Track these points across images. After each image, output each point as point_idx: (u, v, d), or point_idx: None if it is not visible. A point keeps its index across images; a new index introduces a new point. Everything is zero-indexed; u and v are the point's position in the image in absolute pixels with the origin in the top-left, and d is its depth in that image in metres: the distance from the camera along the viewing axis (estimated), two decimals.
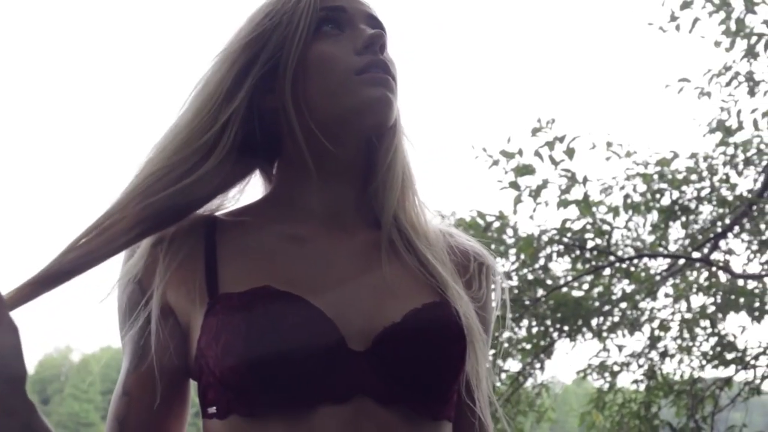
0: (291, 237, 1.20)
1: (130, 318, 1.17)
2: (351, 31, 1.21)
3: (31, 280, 1.08)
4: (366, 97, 1.16)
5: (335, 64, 1.18)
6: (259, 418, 1.06)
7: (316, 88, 1.18)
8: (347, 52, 1.18)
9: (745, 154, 6.81)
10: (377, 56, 1.18)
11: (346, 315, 1.10)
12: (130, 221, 1.11)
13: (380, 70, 1.18)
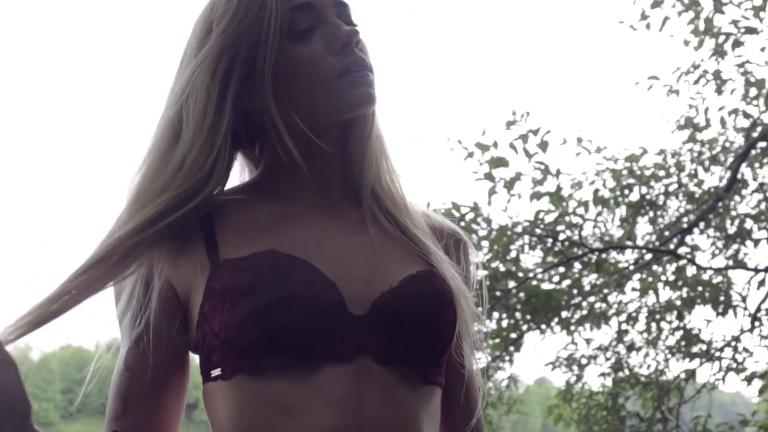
0: (283, 215, 1.23)
1: (129, 294, 1.19)
2: (323, 26, 1.21)
3: (31, 315, 1.09)
4: (350, 99, 1.19)
5: (314, 69, 1.19)
6: (265, 377, 1.09)
7: (298, 92, 1.21)
8: (324, 53, 1.20)
9: (711, 152, 6.96)
10: (355, 55, 1.20)
11: (344, 281, 1.14)
12: (133, 257, 1.14)
13: (359, 68, 1.20)
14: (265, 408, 1.09)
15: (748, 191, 7.09)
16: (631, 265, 6.70)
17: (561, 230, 5.83)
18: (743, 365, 6.70)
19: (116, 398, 1.18)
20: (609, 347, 7.38)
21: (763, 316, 6.48)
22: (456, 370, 1.28)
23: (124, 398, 1.18)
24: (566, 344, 7.34)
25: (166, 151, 1.17)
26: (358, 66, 1.19)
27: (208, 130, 1.16)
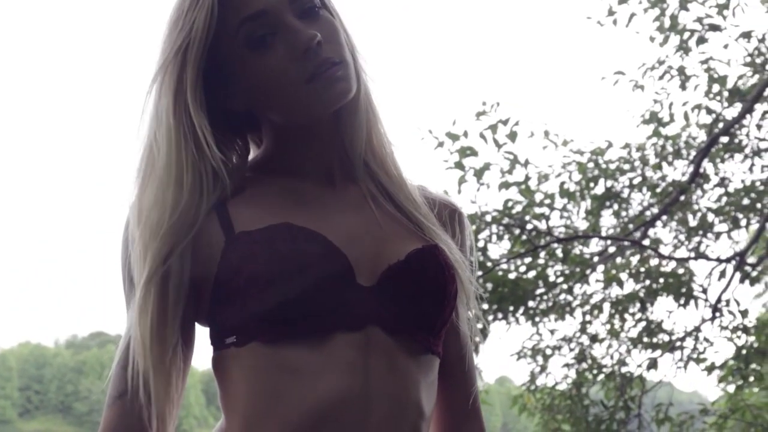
0: (290, 192, 1.27)
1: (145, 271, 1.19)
2: (283, 31, 1.20)
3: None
4: (324, 100, 1.21)
5: (281, 78, 1.20)
6: (280, 343, 1.14)
7: (272, 98, 1.22)
8: (287, 60, 1.19)
9: (674, 147, 7.10)
10: (319, 57, 1.19)
11: (353, 254, 1.19)
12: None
13: (326, 67, 1.20)
14: (278, 372, 1.13)
15: (710, 186, 7.26)
16: (596, 256, 6.83)
17: (528, 220, 5.92)
18: (704, 355, 6.86)
19: (120, 372, 1.19)
20: (573, 338, 7.51)
21: (724, 306, 6.63)
22: (456, 343, 1.35)
23: (127, 370, 1.19)
24: (531, 335, 7.46)
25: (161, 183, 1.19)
26: (324, 66, 1.19)
27: (187, 152, 1.18)
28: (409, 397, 1.18)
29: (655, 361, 7.00)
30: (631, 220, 7.11)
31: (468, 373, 1.37)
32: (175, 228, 1.17)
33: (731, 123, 6.52)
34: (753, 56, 6.52)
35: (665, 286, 6.46)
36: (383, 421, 1.15)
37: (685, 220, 7.15)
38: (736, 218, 7.01)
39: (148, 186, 1.19)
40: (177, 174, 1.18)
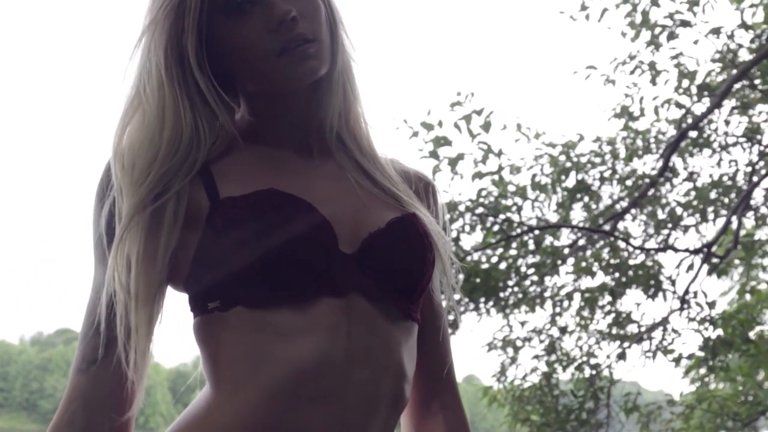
0: (271, 160, 1.28)
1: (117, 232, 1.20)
2: (261, 1, 1.21)
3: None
4: (292, 76, 1.22)
5: (253, 50, 1.21)
6: (264, 307, 1.15)
7: (246, 66, 1.24)
8: (261, 31, 1.20)
9: (645, 143, 7.21)
10: (293, 31, 1.20)
11: (335, 221, 1.21)
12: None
13: (297, 43, 1.20)
14: (262, 334, 1.15)
15: (679, 180, 7.37)
16: (566, 248, 6.91)
17: (501, 209, 5.98)
18: (671, 346, 6.96)
19: (93, 340, 1.18)
20: (543, 330, 7.59)
21: (692, 298, 6.73)
22: (432, 313, 1.37)
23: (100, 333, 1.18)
24: (502, 326, 7.53)
25: (149, 129, 1.20)
26: (296, 42, 1.21)
27: (182, 102, 1.20)
28: (391, 359, 1.21)
29: (624, 353, 7.10)
30: (601, 213, 7.20)
31: (443, 343, 1.40)
32: (172, 163, 1.18)
33: (700, 118, 6.63)
34: (722, 53, 6.63)
35: (635, 277, 6.55)
36: (365, 381, 1.17)
37: (654, 213, 7.25)
38: (704, 212, 7.12)
39: (140, 128, 1.20)
40: (174, 114, 1.19)
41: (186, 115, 1.20)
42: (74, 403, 1.16)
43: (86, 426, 1.15)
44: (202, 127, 1.22)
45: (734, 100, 7.02)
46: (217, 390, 1.16)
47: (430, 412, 1.40)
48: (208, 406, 1.17)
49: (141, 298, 1.15)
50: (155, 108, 1.20)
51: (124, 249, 1.16)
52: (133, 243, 1.16)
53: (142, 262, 1.15)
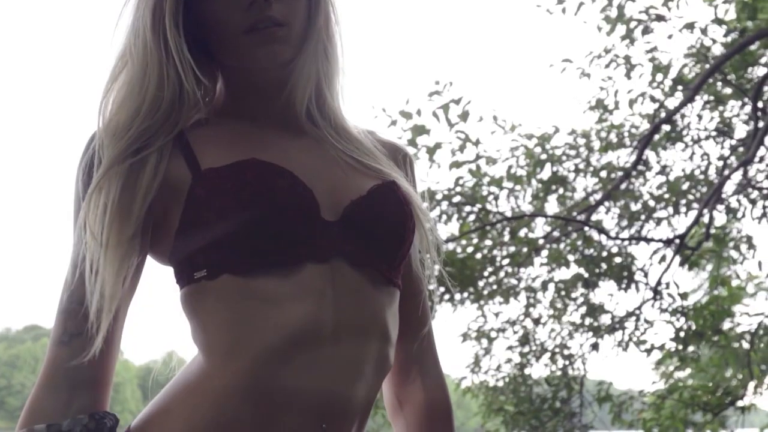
0: (249, 133, 1.30)
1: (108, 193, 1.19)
2: None
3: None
4: (256, 57, 1.25)
5: (224, 24, 1.23)
6: (250, 275, 1.16)
7: (217, 43, 1.27)
8: (234, 8, 1.22)
9: (619, 137, 7.29)
10: (264, 12, 1.22)
11: (316, 190, 1.23)
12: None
13: (265, 24, 1.22)
14: (250, 301, 1.16)
15: (652, 173, 7.47)
16: (541, 239, 6.98)
17: (478, 198, 6.03)
18: (644, 337, 7.05)
19: (75, 310, 1.19)
20: (517, 321, 7.65)
21: (664, 289, 6.82)
22: (411, 280, 1.40)
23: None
24: (476, 317, 7.58)
25: (135, 85, 1.22)
26: (265, 23, 1.23)
27: (167, 61, 1.22)
28: (376, 323, 1.23)
29: (597, 344, 7.18)
30: (575, 205, 7.27)
31: (423, 310, 1.42)
32: (153, 119, 1.21)
33: (673, 111, 6.70)
34: (696, 47, 6.72)
35: (609, 268, 6.63)
36: (353, 345, 1.19)
37: (627, 206, 7.34)
38: (677, 204, 7.21)
39: (125, 85, 1.22)
40: (158, 72, 1.21)
41: (169, 73, 1.22)
42: (56, 375, 1.17)
43: (68, 399, 1.16)
44: (185, 88, 1.24)
45: (707, 96, 7.12)
46: (209, 358, 1.18)
47: (409, 378, 1.43)
48: (199, 374, 1.18)
49: (111, 246, 1.16)
50: (140, 65, 1.22)
51: (99, 197, 1.17)
52: (108, 192, 1.17)
53: (116, 212, 1.16)
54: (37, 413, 1.15)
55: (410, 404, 1.43)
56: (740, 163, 6.46)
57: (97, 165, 1.19)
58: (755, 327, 7.34)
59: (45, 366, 1.18)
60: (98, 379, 1.20)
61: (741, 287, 8.33)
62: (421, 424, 1.41)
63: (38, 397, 1.16)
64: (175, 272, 1.23)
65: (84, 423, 1.14)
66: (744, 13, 6.55)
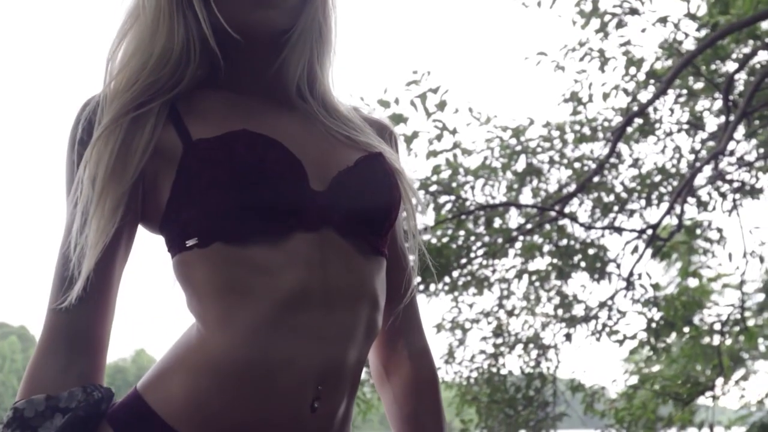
0: (237, 103, 1.32)
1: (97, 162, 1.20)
2: None
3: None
4: (248, 20, 1.25)
5: None
6: (240, 243, 1.18)
7: (215, 5, 1.26)
8: None
9: (592, 130, 7.37)
10: None
11: (305, 160, 1.25)
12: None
13: None
14: (242, 269, 1.18)
15: (625, 167, 7.56)
16: (515, 231, 7.03)
17: (455, 188, 6.07)
18: (616, 327, 7.13)
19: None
20: (491, 312, 7.71)
21: (636, 280, 6.90)
22: (397, 250, 1.43)
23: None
24: (450, 308, 7.62)
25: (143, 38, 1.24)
26: None
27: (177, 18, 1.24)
28: (365, 290, 1.25)
29: (570, 335, 7.25)
30: (549, 196, 7.33)
31: (407, 281, 1.44)
32: (160, 75, 1.23)
33: (646, 104, 6.78)
34: (669, 41, 6.81)
35: (582, 258, 6.70)
36: (343, 311, 1.21)
37: (600, 199, 7.41)
38: (649, 197, 7.30)
39: (134, 39, 1.24)
40: (168, 26, 1.23)
41: (179, 30, 1.24)
42: (55, 341, 1.19)
43: (66, 365, 1.19)
44: (192, 46, 1.25)
45: (680, 90, 7.22)
46: (203, 325, 1.20)
47: (396, 350, 1.46)
48: (196, 341, 1.20)
49: (104, 196, 1.18)
50: (150, 20, 1.24)
51: (101, 146, 1.19)
52: (107, 144, 1.19)
53: (114, 163, 1.18)
54: (36, 381, 1.17)
55: (397, 375, 1.46)
56: (711, 154, 6.55)
57: (99, 122, 1.21)
58: (725, 318, 7.46)
59: (43, 332, 1.21)
60: (95, 345, 1.22)
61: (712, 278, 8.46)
62: (408, 395, 1.44)
63: (37, 365, 1.19)
64: (167, 240, 1.24)
65: (78, 398, 1.16)
66: (716, 8, 6.65)
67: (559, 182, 7.43)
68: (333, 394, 1.21)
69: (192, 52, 1.26)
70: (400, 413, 1.44)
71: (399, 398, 1.45)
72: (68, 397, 1.16)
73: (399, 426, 1.44)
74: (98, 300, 1.22)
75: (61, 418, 1.15)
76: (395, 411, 1.45)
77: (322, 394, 1.19)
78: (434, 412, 1.43)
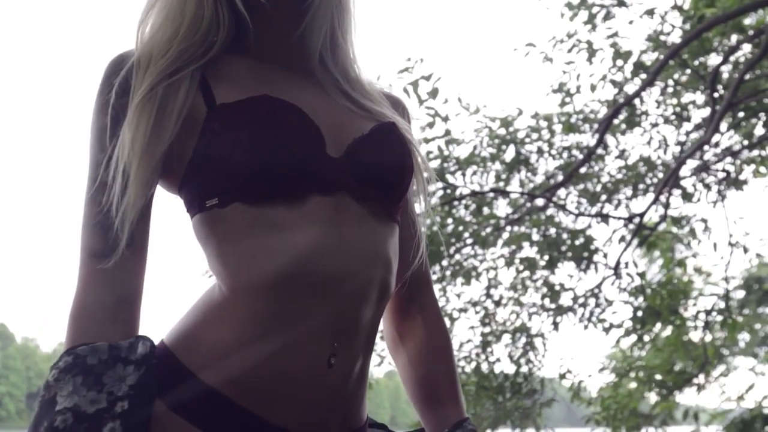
0: (258, 69, 1.36)
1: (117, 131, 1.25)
2: None
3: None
4: None
5: None
6: (259, 204, 1.21)
7: None
8: None
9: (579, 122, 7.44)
10: None
11: (322, 127, 1.29)
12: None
13: None
14: (261, 228, 1.22)
15: (611, 158, 7.64)
16: (502, 220, 7.10)
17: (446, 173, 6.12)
18: (603, 315, 7.21)
19: (101, 231, 1.24)
20: (478, 302, 7.76)
21: (623, 269, 6.98)
22: (409, 219, 1.47)
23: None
24: (438, 298, 7.65)
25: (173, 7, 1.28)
26: None
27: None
28: (379, 252, 1.29)
29: (557, 324, 7.32)
30: (537, 187, 7.40)
31: (418, 247, 1.48)
32: (192, 41, 1.27)
33: (632, 96, 6.86)
34: (656, 33, 6.89)
35: (570, 248, 6.76)
36: (358, 271, 1.25)
37: (587, 190, 7.48)
38: (635, 187, 7.38)
39: (165, 6, 1.28)
40: None
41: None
42: (101, 291, 1.22)
43: (114, 314, 1.22)
44: (221, 12, 1.30)
45: (666, 82, 7.30)
46: (224, 283, 1.23)
47: (409, 314, 1.50)
48: (218, 299, 1.24)
49: (145, 157, 1.22)
50: None
51: (139, 113, 1.23)
52: (146, 109, 1.23)
53: (153, 127, 1.22)
54: (85, 329, 1.19)
55: (411, 339, 1.49)
56: (696, 144, 6.64)
57: (135, 86, 1.24)
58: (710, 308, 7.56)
59: (83, 282, 1.23)
60: (135, 297, 1.26)
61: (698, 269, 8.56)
62: (423, 358, 1.47)
63: (84, 313, 1.20)
64: (186, 201, 1.28)
65: (138, 349, 1.18)
66: (702, 1, 6.75)
67: (546, 173, 7.49)
68: (348, 351, 1.25)
69: (221, 18, 1.30)
70: (415, 375, 1.47)
71: (414, 361, 1.48)
72: (129, 347, 1.18)
73: (414, 388, 1.48)
74: (137, 252, 1.25)
75: (123, 368, 1.16)
76: (410, 374, 1.48)
77: (338, 351, 1.23)
78: (449, 373, 1.46)
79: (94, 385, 1.13)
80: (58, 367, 1.14)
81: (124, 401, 1.13)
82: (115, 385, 1.15)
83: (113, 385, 1.14)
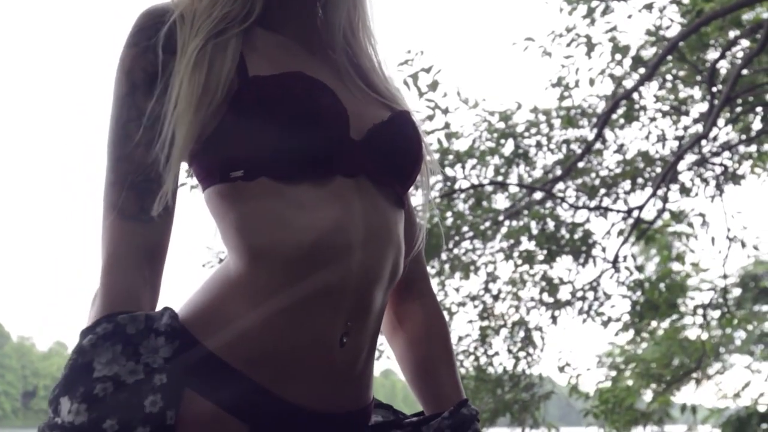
0: (290, 46, 1.37)
1: (153, 87, 1.25)
2: None
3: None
4: None
5: None
6: (285, 180, 1.23)
7: None
8: None
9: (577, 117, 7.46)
10: None
11: (348, 110, 1.31)
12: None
13: None
14: (283, 204, 1.23)
15: (609, 152, 7.66)
16: (501, 213, 7.12)
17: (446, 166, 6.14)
18: (601, 309, 7.23)
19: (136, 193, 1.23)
20: (477, 296, 7.78)
21: (621, 263, 7.00)
22: (410, 207, 1.49)
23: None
24: (437, 292, 7.69)
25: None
26: None
27: None
28: (393, 235, 1.32)
29: (555, 318, 7.34)
30: (535, 181, 7.42)
31: (418, 235, 1.50)
32: (232, 7, 1.29)
33: (631, 90, 6.88)
34: (654, 27, 6.91)
35: (569, 241, 6.78)
36: (374, 250, 1.27)
37: (585, 184, 7.51)
38: (634, 181, 7.41)
39: None
40: None
41: None
42: (136, 253, 1.21)
43: (149, 278, 1.21)
44: None
45: (666, 75, 7.33)
46: (241, 257, 1.23)
47: (407, 299, 1.52)
48: (234, 275, 1.24)
49: (196, 115, 1.22)
50: None
51: (191, 69, 1.23)
52: (198, 66, 1.23)
53: (203, 86, 1.22)
54: (122, 295, 1.18)
55: (409, 321, 1.51)
56: (695, 139, 6.67)
57: (183, 43, 1.25)
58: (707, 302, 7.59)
59: (116, 241, 1.21)
60: (163, 260, 1.25)
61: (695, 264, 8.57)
62: (421, 339, 1.49)
63: (119, 277, 1.19)
64: (203, 170, 1.28)
65: (165, 321, 1.18)
66: None
67: (545, 168, 7.51)
68: (360, 331, 1.27)
69: None
70: (413, 357, 1.48)
71: (412, 342, 1.49)
72: (159, 318, 1.18)
73: (412, 370, 1.49)
74: (169, 213, 1.25)
75: (155, 339, 1.16)
76: (408, 356, 1.50)
77: (350, 330, 1.24)
78: (447, 354, 1.47)
79: (132, 355, 1.12)
80: (96, 333, 1.13)
81: (162, 374, 1.13)
82: (150, 356, 1.14)
83: (148, 356, 1.14)
